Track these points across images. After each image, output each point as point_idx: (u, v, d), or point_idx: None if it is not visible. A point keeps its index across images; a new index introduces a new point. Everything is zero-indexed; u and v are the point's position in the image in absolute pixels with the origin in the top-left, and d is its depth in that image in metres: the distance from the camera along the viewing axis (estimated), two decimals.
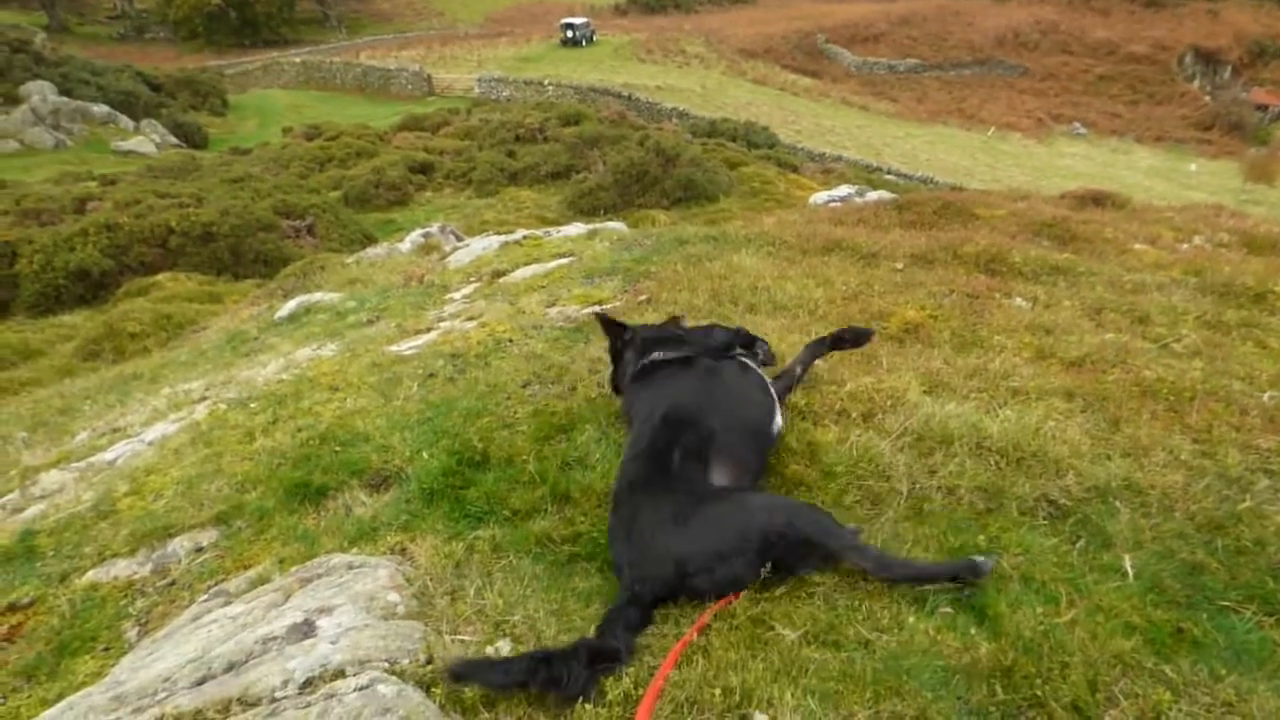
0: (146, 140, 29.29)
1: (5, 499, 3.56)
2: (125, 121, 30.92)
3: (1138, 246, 5.68)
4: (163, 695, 1.91)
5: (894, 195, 9.04)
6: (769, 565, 2.21)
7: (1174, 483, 2.58)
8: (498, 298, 5.10)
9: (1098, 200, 7.58)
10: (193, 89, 40.86)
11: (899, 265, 4.95)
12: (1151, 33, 63.80)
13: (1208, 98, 59.48)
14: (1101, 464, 2.66)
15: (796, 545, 2.24)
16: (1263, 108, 57.23)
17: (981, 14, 68.81)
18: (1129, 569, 2.26)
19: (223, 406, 3.93)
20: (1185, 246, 5.99)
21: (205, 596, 2.49)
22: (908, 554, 2.36)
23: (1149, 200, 9.33)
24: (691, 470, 2.43)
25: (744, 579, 2.21)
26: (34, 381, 7.63)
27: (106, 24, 65.14)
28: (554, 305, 4.66)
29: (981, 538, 2.39)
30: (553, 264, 5.77)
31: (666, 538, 2.24)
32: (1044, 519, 2.49)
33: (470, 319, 4.70)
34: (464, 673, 1.87)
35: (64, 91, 30.25)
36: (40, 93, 28.91)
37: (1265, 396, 3.15)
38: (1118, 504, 2.50)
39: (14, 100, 28.21)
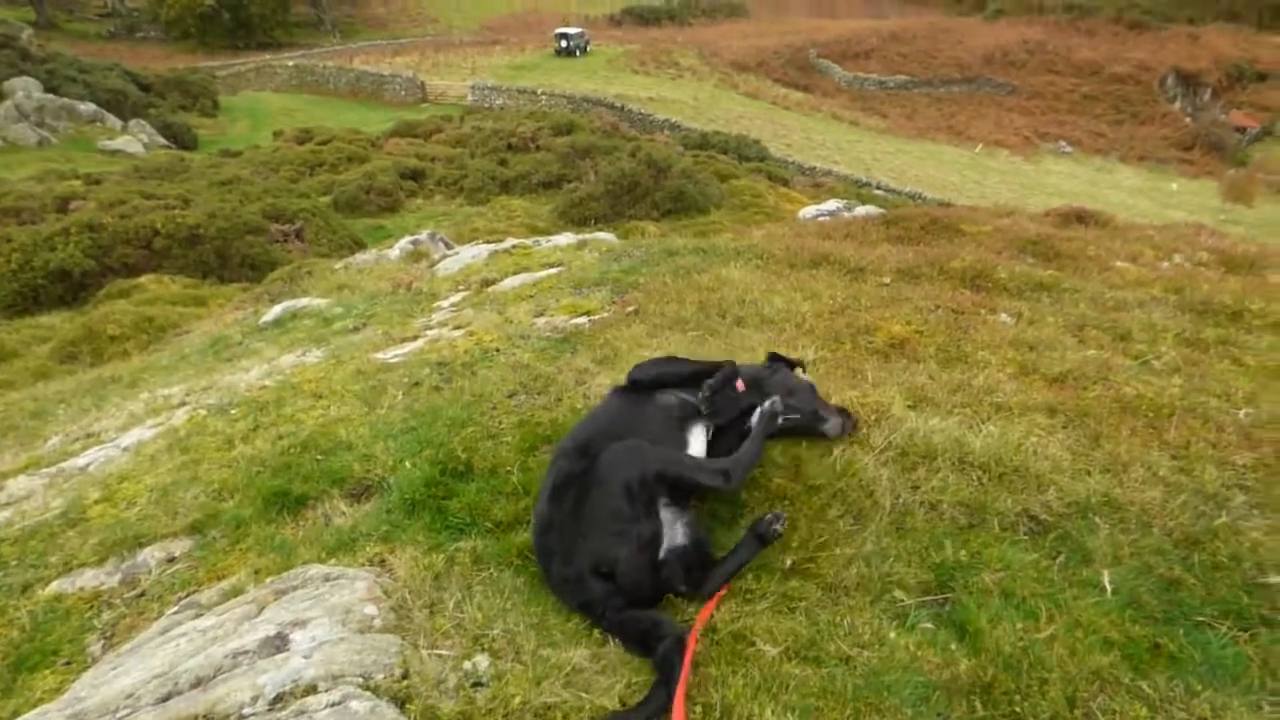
0: (134, 140, 29.06)
1: None
2: (113, 120, 30.67)
3: (1120, 264, 5.72)
4: (124, 713, 1.87)
5: (882, 210, 9.09)
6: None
7: (1152, 499, 2.59)
8: (486, 307, 5.08)
9: (1081, 218, 7.64)
10: (183, 90, 40.62)
11: (886, 280, 4.97)
12: (1135, 54, 64.90)
13: (1188, 119, 60.54)
14: (1082, 480, 2.67)
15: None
16: (1241, 129, 58.45)
17: (971, 33, 69.72)
18: (1107, 585, 2.26)
19: (202, 412, 3.88)
20: (1166, 265, 6.05)
21: (175, 609, 2.44)
22: (889, 568, 2.36)
23: (1131, 218, 9.41)
24: None
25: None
26: (6, 384, 7.48)
27: (96, 22, 64.70)
28: (542, 315, 4.65)
29: (963, 553, 2.39)
30: (542, 274, 5.76)
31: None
32: (1025, 534, 2.50)
33: (458, 328, 4.68)
34: None
35: (50, 89, 29.94)
36: (25, 89, 28.60)
37: (1241, 413, 3.17)
38: (1097, 520, 2.51)
39: None
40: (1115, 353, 3.85)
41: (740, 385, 2.86)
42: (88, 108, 30.18)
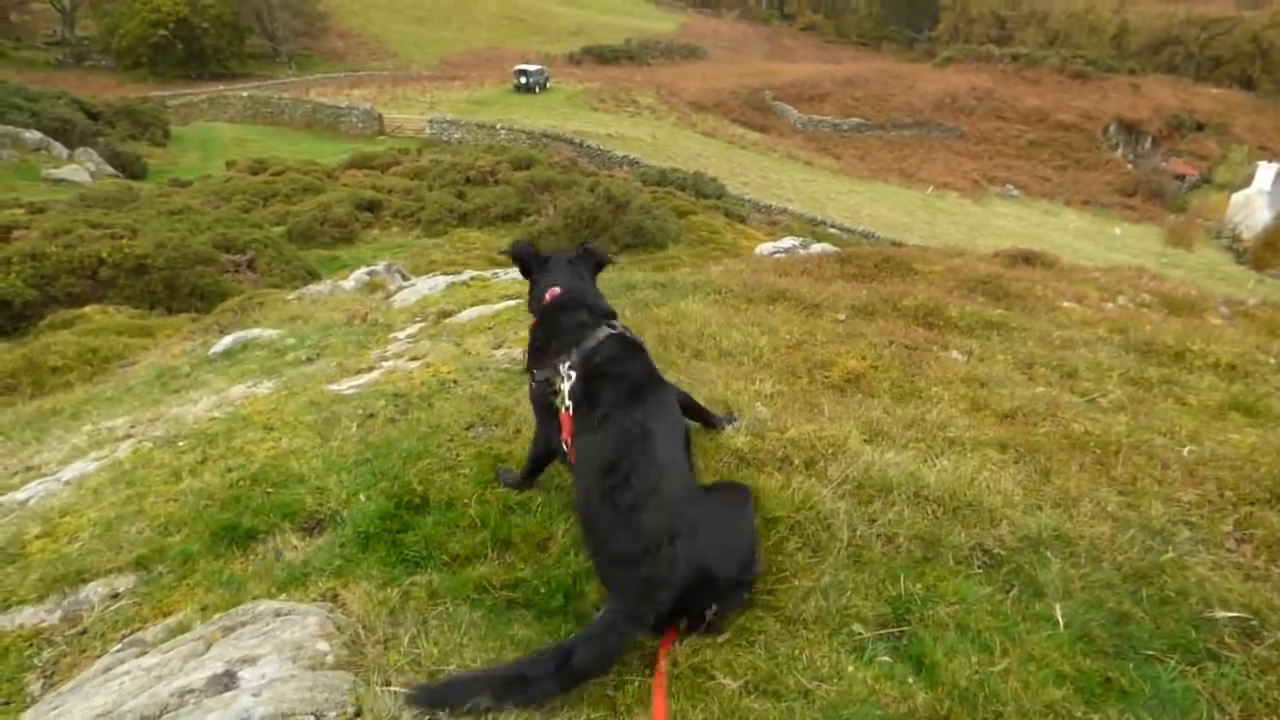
0: (80, 169, 28.38)
1: None
2: (59, 149, 29.98)
3: (1066, 304, 5.93)
4: None
5: (837, 248, 9.30)
6: None
7: (1101, 533, 2.65)
8: (443, 338, 5.04)
9: (1029, 259, 7.92)
10: (133, 119, 39.92)
11: (841, 316, 5.07)
12: (1078, 103, 68.01)
13: (1130, 165, 63.57)
14: (1033, 514, 2.73)
15: None
16: (1180, 177, 61.54)
17: (921, 79, 72.34)
18: (1059, 618, 2.30)
19: (148, 445, 3.76)
20: (1110, 306, 6.28)
21: (119, 646, 2.35)
22: (847, 601, 2.37)
23: (1077, 260, 9.79)
24: None
25: None
26: None
27: (44, 50, 63.47)
28: (500, 347, 4.63)
29: (919, 586, 2.42)
30: (500, 305, 5.74)
31: None
32: (979, 568, 2.54)
33: (414, 359, 4.63)
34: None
35: None
36: None
37: (1185, 451, 3.28)
38: (1049, 554, 2.56)
39: None
40: (1063, 390, 3.98)
41: None
42: (33, 135, 29.51)
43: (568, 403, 2.60)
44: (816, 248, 10.09)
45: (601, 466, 2.40)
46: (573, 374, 2.62)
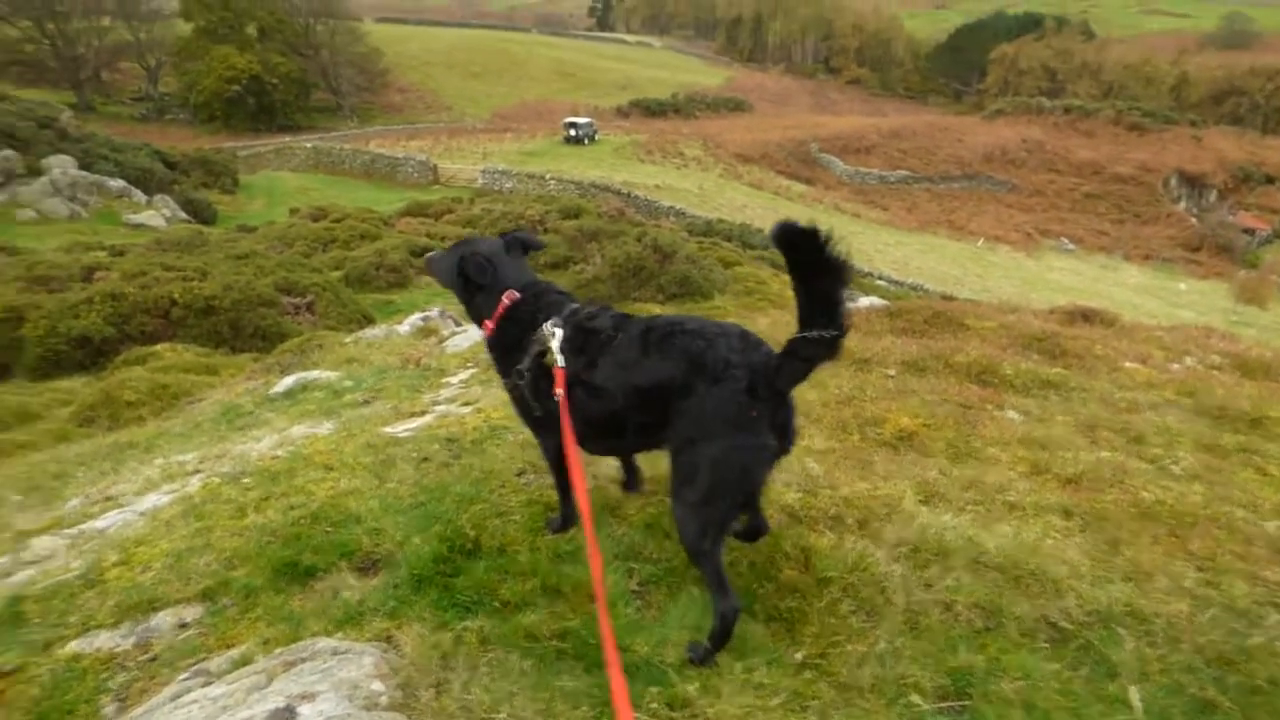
0: (157, 214, 29.88)
1: None
2: (138, 195, 31.62)
3: (1129, 365, 5.78)
4: None
5: (885, 301, 9.25)
6: None
7: (1179, 612, 2.53)
8: (494, 384, 5.12)
9: (1087, 316, 7.75)
10: (206, 168, 41.97)
11: (891, 372, 5.03)
12: (1136, 155, 66.93)
13: (1194, 219, 61.81)
14: (1103, 587, 2.63)
15: None
16: (1250, 231, 59.41)
17: (970, 131, 72.20)
18: (1136, 702, 2.19)
19: (216, 480, 3.89)
20: (1176, 367, 6.09)
21: (186, 675, 2.41)
22: (904, 669, 2.31)
23: (1138, 318, 9.54)
24: None
25: None
26: (30, 445, 7.55)
27: (130, 105, 68.01)
28: None
29: (980, 658, 2.34)
30: None
31: None
32: (1045, 642, 2.44)
33: (466, 404, 4.72)
34: None
35: (84, 166, 31.10)
36: (60, 166, 29.73)
37: (1271, 526, 3.12)
38: (1121, 631, 2.46)
39: (36, 172, 29.01)
40: (1130, 456, 3.83)
41: None
42: (117, 183, 31.22)
43: (559, 359, 2.56)
44: (864, 301, 10.05)
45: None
46: (558, 331, 2.61)
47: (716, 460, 2.32)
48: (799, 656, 2.38)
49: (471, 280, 2.81)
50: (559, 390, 2.54)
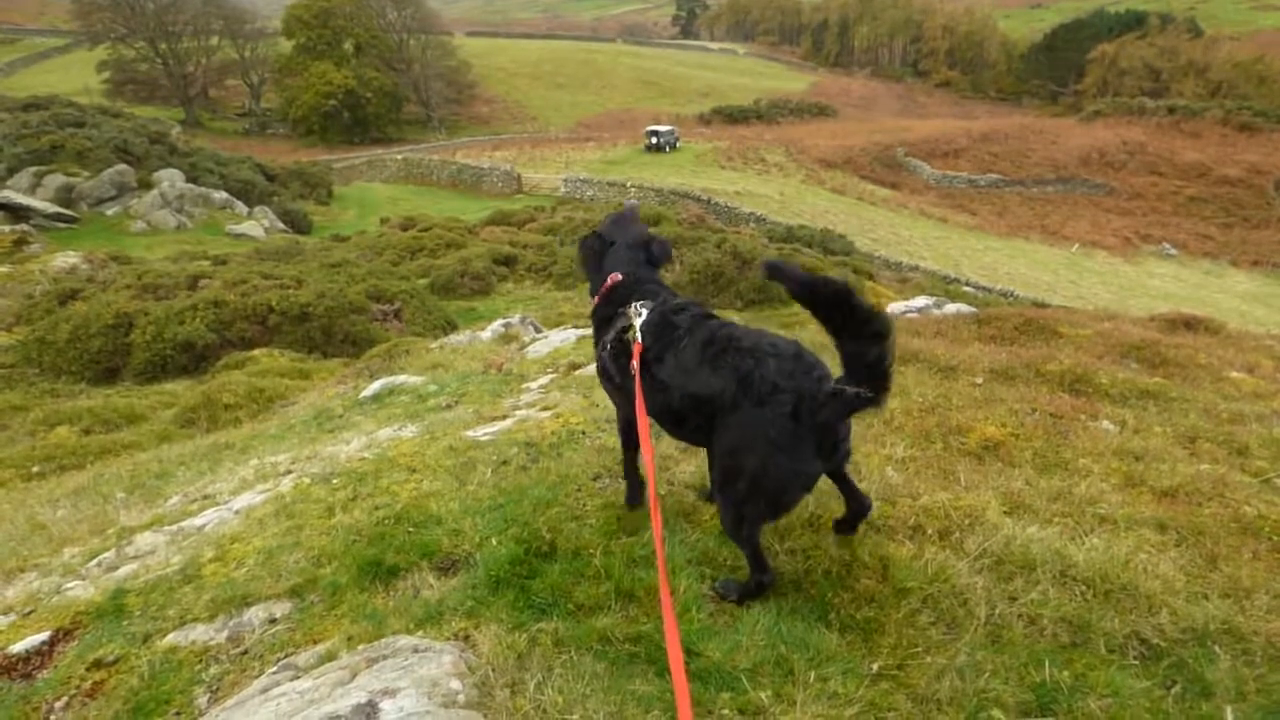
0: (257, 225, 31.48)
1: (102, 557, 3.73)
2: (240, 207, 33.40)
3: (1234, 374, 5.45)
4: None
5: (973, 308, 8.95)
6: None
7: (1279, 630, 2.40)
8: (572, 389, 5.20)
9: (1190, 324, 7.32)
10: (303, 180, 44.04)
11: (978, 380, 4.87)
12: (1246, 156, 62.77)
13: None
14: (1198, 604, 2.51)
15: None
16: None
17: (1065, 133, 69.17)
18: None
19: (306, 480, 4.07)
20: None
21: (275, 669, 2.53)
22: (985, 683, 2.24)
23: (1246, 326, 8.96)
24: None
25: None
26: (135, 445, 8.04)
27: (234, 120, 72.38)
28: None
29: (1066, 673, 2.26)
30: None
31: None
32: (1135, 659, 2.34)
33: (545, 409, 4.80)
34: None
35: (191, 179, 33.10)
36: (169, 179, 31.71)
37: None
38: (1217, 649, 2.34)
39: (147, 185, 31.05)
40: (1232, 468, 3.64)
41: None
42: (220, 195, 33.06)
43: (639, 335, 2.73)
44: (951, 307, 9.75)
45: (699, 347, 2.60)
46: (644, 311, 2.79)
47: (756, 474, 2.43)
48: (875, 667, 2.34)
49: (586, 259, 3.18)
50: (634, 363, 2.70)
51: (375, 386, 6.77)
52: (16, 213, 26.19)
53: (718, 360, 2.53)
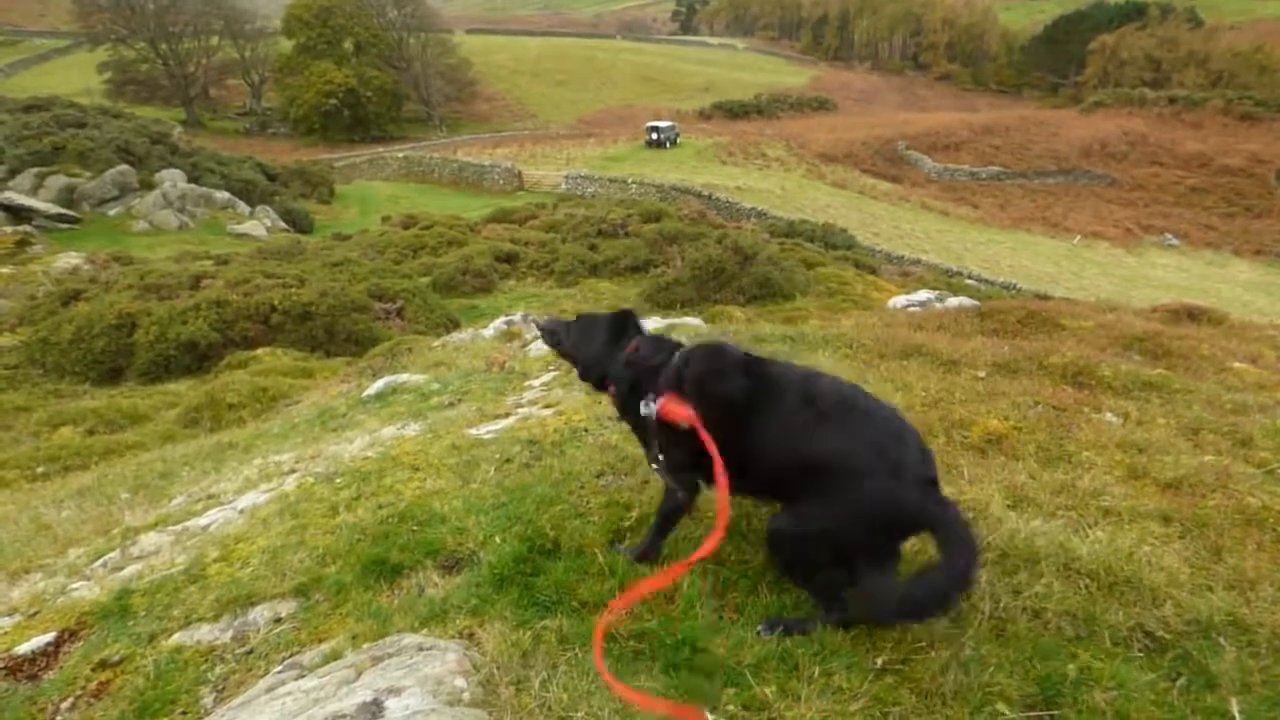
0: (259, 224, 31.53)
1: (107, 557, 3.74)
2: (242, 206, 33.45)
3: (1237, 365, 5.44)
4: None
5: (975, 302, 8.94)
6: None
7: None
8: (575, 387, 5.20)
9: (1192, 315, 7.32)
10: (304, 179, 44.09)
11: (981, 373, 4.87)
12: (1247, 146, 62.61)
13: None
14: (1203, 596, 2.50)
15: None
16: None
17: (1066, 125, 68.99)
18: (1237, 714, 2.08)
19: (310, 480, 4.08)
20: None
21: (280, 667, 2.53)
22: (990, 677, 2.24)
23: (1248, 316, 8.94)
24: None
25: None
26: (139, 445, 8.05)
27: (235, 120, 72.47)
28: None
29: (1071, 666, 2.26)
30: None
31: None
32: (1140, 651, 2.34)
33: (548, 406, 4.80)
34: None
35: (193, 179, 33.18)
36: (171, 179, 31.79)
37: None
38: (1222, 641, 2.33)
39: (149, 185, 31.13)
40: (1236, 460, 3.63)
41: None
42: (222, 195, 33.12)
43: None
44: (953, 301, 9.74)
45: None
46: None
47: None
48: (879, 661, 2.34)
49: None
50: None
51: (378, 385, 6.77)
52: (19, 214, 26.31)
53: None
